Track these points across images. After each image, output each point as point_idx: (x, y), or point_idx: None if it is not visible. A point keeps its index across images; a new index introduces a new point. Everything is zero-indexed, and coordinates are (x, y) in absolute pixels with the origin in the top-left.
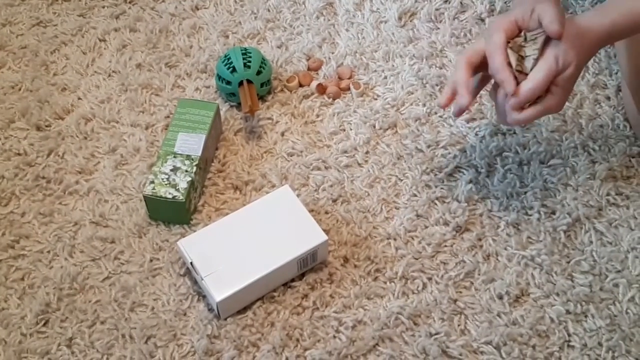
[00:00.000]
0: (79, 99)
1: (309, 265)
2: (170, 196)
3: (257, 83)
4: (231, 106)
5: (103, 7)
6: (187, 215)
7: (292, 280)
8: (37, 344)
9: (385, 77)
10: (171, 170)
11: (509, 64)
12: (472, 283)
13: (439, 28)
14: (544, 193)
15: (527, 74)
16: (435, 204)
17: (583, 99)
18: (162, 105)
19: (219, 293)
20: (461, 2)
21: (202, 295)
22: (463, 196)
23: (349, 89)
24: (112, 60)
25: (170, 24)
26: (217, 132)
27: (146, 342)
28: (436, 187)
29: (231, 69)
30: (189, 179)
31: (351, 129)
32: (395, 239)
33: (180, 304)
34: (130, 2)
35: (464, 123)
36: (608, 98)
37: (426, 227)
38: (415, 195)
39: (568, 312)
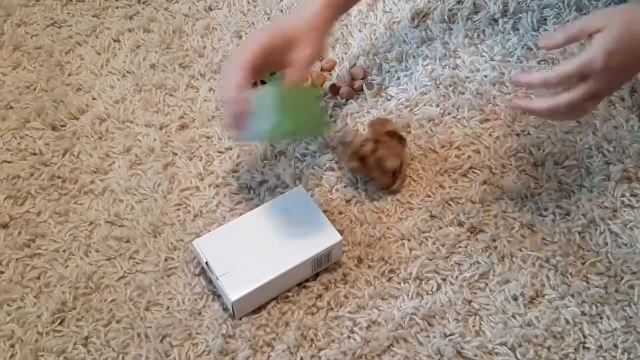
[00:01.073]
0: (94, 99)
1: (324, 266)
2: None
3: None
4: None
5: (117, 7)
6: (325, 117)
7: (307, 280)
8: (54, 343)
9: (399, 78)
10: None
11: None
12: (487, 284)
13: (452, 29)
14: (558, 194)
15: None
16: (450, 204)
17: None
18: (176, 105)
19: (234, 293)
20: (474, 3)
21: (217, 295)
22: (477, 197)
23: (362, 89)
24: (126, 61)
25: (184, 24)
26: None
27: (162, 342)
28: (450, 188)
29: None
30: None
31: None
32: (409, 240)
33: (196, 303)
34: (144, 3)
35: (478, 124)
36: (622, 99)
37: (440, 228)
38: (430, 196)
39: (583, 313)
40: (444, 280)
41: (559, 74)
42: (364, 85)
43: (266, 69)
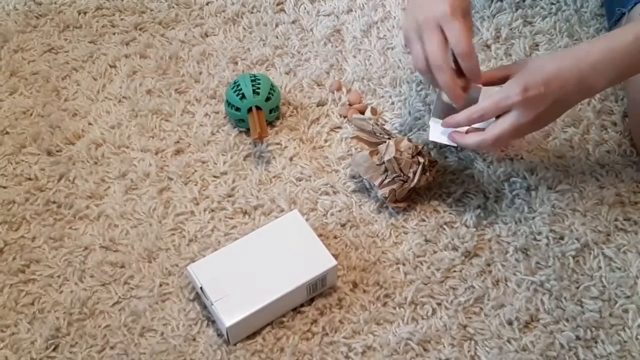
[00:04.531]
0: (90, 124)
1: (318, 290)
2: None
3: (266, 109)
4: (240, 132)
5: (114, 33)
6: None
7: (302, 305)
8: None
9: (393, 103)
10: None
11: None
12: (481, 309)
13: None
14: (552, 218)
15: None
16: (444, 229)
17: (589, 125)
18: (172, 130)
19: (228, 318)
20: None
21: (211, 320)
22: (471, 221)
23: (363, 114)
24: (122, 86)
25: (180, 50)
26: None
27: None
28: (445, 212)
29: (240, 95)
30: None
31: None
32: (404, 264)
33: (190, 329)
34: (140, 29)
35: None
36: (614, 124)
37: (435, 252)
38: (424, 220)
39: (578, 338)
40: (439, 304)
41: (478, 110)
42: (369, 110)
43: None
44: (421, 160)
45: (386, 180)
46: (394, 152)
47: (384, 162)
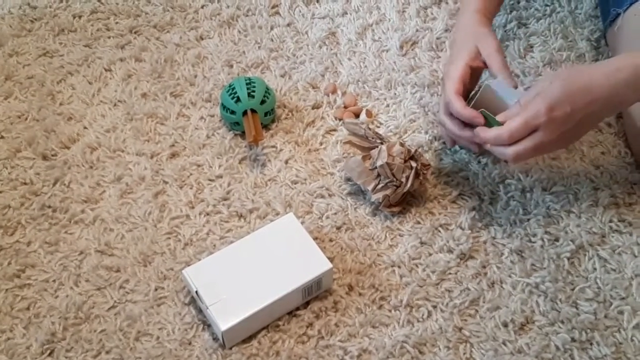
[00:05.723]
0: (85, 128)
1: (314, 294)
2: None
3: (261, 112)
4: (235, 135)
5: (109, 37)
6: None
7: (297, 308)
8: None
9: (388, 105)
10: None
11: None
12: (477, 311)
13: (440, 56)
14: (547, 220)
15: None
16: (439, 231)
17: None
18: (167, 134)
19: (224, 322)
20: None
21: (207, 324)
22: (466, 223)
23: (358, 116)
24: (117, 90)
25: (175, 53)
26: None
27: None
28: (439, 214)
29: (235, 98)
30: None
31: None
32: (399, 267)
33: (185, 333)
34: (135, 33)
35: (466, 150)
36: (609, 125)
37: (430, 254)
38: (419, 223)
39: (573, 339)
40: (434, 307)
41: (509, 131)
42: (364, 112)
43: None
44: (414, 164)
45: (379, 186)
46: (386, 158)
47: (376, 167)
